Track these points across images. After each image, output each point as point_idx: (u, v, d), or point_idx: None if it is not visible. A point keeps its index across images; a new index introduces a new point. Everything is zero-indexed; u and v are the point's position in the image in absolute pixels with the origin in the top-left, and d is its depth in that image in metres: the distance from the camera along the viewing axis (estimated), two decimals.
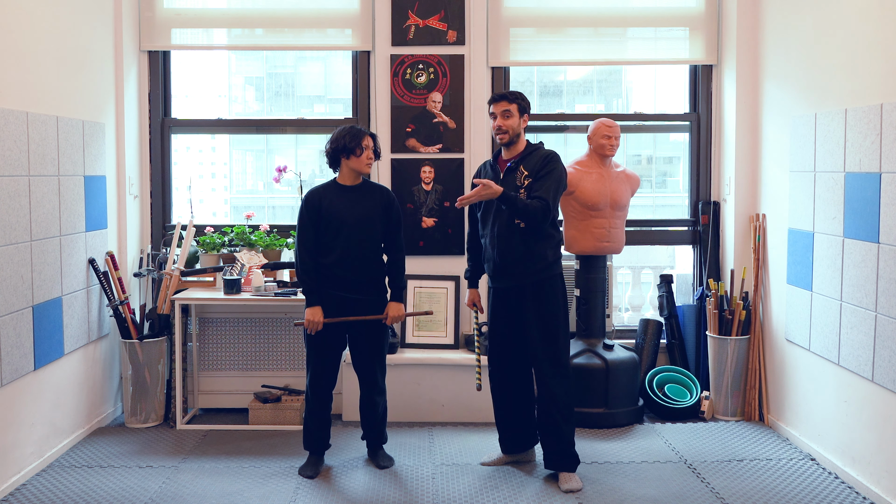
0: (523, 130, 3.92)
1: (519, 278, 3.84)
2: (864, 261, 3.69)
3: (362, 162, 3.92)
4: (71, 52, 4.34)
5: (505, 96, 3.88)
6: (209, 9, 5.25)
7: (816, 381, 4.16)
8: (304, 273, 3.90)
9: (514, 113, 3.84)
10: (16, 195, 3.79)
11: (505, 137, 3.86)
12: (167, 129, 5.19)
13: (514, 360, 3.98)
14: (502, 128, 3.85)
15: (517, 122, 3.86)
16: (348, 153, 3.90)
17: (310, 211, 3.91)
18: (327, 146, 3.96)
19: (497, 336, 3.99)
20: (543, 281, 3.83)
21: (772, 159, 4.65)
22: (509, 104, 3.85)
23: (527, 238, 3.78)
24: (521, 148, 3.90)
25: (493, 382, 4.04)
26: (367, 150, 3.92)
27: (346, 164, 3.94)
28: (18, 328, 3.81)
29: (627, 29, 5.22)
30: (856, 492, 3.74)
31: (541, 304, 3.83)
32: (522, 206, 3.69)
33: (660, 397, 4.84)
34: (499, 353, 4.00)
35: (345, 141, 3.89)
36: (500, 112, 3.85)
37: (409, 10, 4.99)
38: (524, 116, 3.90)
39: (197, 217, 5.09)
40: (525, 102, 3.91)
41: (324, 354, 3.97)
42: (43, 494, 3.73)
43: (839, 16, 3.92)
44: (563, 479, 3.82)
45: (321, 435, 4.05)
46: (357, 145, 3.89)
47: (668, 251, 6.80)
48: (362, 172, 3.96)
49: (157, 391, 4.75)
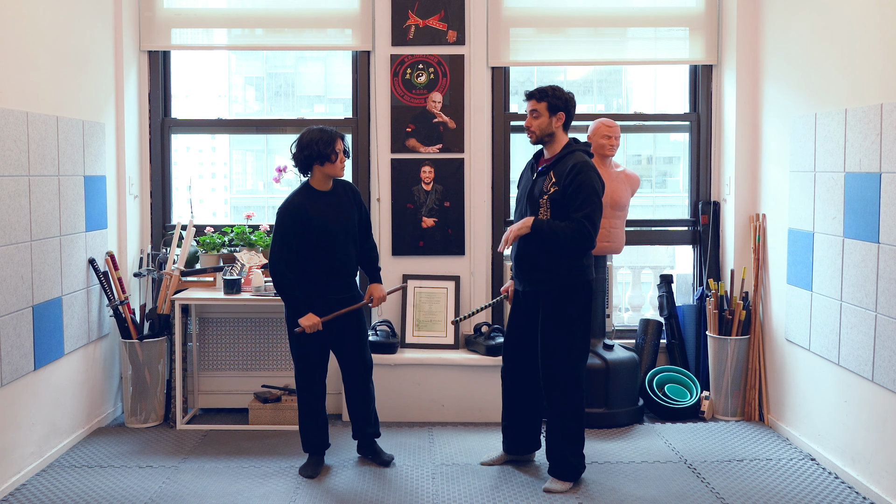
0: (560, 129, 3.73)
1: (536, 283, 3.75)
2: (864, 261, 3.69)
3: (337, 167, 3.83)
4: (71, 52, 4.34)
5: (533, 94, 3.73)
6: (209, 9, 5.25)
7: (816, 381, 4.16)
8: (287, 286, 3.81)
9: (542, 112, 3.69)
10: (16, 195, 3.79)
11: (532, 137, 3.74)
12: (167, 129, 5.19)
13: (526, 363, 3.92)
14: (530, 128, 3.73)
15: (546, 121, 3.70)
16: (323, 159, 3.79)
17: (296, 223, 3.78)
18: (297, 152, 3.82)
19: (512, 337, 3.94)
20: (561, 287, 3.71)
21: (772, 159, 4.65)
22: (537, 103, 3.71)
23: (546, 246, 3.68)
24: (559, 148, 3.74)
25: (504, 381, 4.01)
26: (340, 153, 3.82)
27: (321, 170, 3.82)
28: (18, 328, 3.81)
29: (627, 29, 5.22)
30: (856, 492, 3.74)
31: (553, 312, 3.72)
32: (561, 234, 3.58)
33: (660, 397, 4.84)
34: (513, 354, 3.95)
35: (318, 147, 3.76)
36: (529, 111, 3.73)
37: (409, 10, 4.99)
38: (557, 114, 3.69)
39: (197, 217, 5.09)
40: (557, 100, 3.69)
41: (313, 349, 3.93)
42: (43, 494, 3.73)
43: (839, 16, 3.92)
44: (551, 480, 3.80)
45: (320, 434, 4.04)
46: (332, 150, 3.78)
47: (668, 251, 6.80)
48: (338, 177, 3.90)
49: (157, 391, 4.75)
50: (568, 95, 3.76)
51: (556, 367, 3.74)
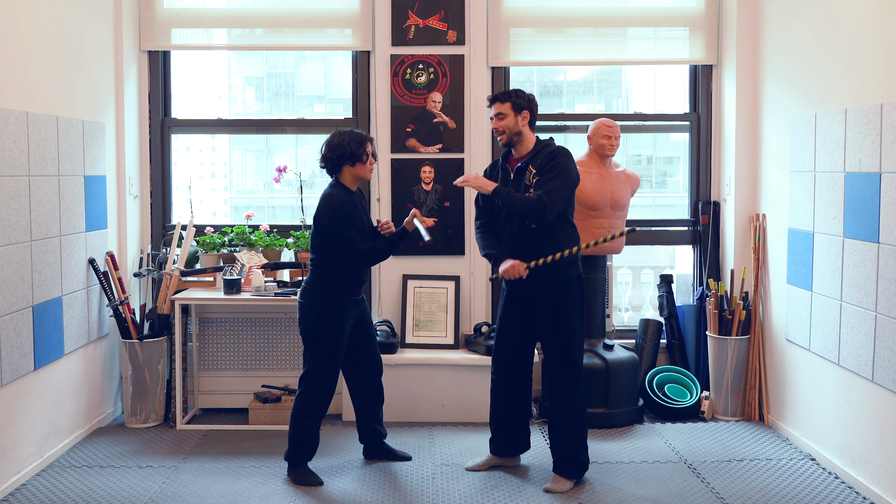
0: (527, 127, 3.81)
1: (532, 280, 3.75)
2: (864, 261, 3.69)
3: (367, 169, 3.86)
4: (71, 52, 4.34)
5: (497, 97, 3.81)
6: (209, 9, 5.25)
7: (816, 381, 4.16)
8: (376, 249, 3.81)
9: (507, 112, 3.77)
10: (16, 195, 3.79)
11: (503, 138, 3.81)
12: (167, 129, 5.19)
13: (518, 364, 3.92)
14: (498, 129, 3.80)
15: (513, 121, 3.77)
16: (354, 160, 3.81)
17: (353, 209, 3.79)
18: (327, 152, 3.84)
19: (504, 337, 3.93)
20: (559, 283, 3.75)
21: (772, 159, 4.65)
22: (501, 105, 3.78)
23: (540, 239, 3.71)
24: (530, 146, 3.81)
25: (494, 382, 4.00)
26: (370, 155, 3.87)
27: (350, 171, 3.84)
28: (18, 328, 3.81)
29: (627, 29, 5.22)
30: (856, 492, 3.74)
31: (556, 307, 3.74)
32: (517, 202, 3.65)
33: (660, 397, 4.84)
34: (504, 355, 3.94)
35: (351, 147, 3.79)
36: (494, 115, 3.81)
37: (409, 10, 4.99)
38: (522, 113, 3.78)
39: (197, 217, 5.09)
40: (520, 99, 3.78)
41: (342, 346, 3.87)
42: (43, 494, 3.73)
43: (839, 16, 3.92)
44: (553, 479, 3.80)
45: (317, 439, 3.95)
46: (363, 151, 3.82)
47: (668, 251, 6.79)
48: (366, 179, 3.92)
49: (157, 391, 4.75)
50: (530, 96, 3.85)
51: (566, 361, 3.76)
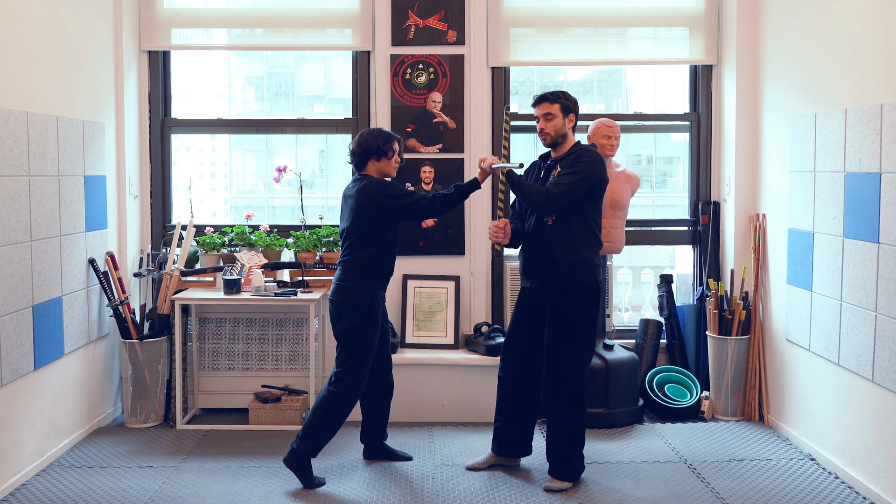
0: (571, 130, 3.80)
1: (543, 280, 3.76)
2: (864, 261, 3.69)
3: (392, 165, 3.92)
4: (71, 52, 4.34)
5: (546, 97, 3.78)
6: (209, 9, 5.25)
7: (816, 381, 4.16)
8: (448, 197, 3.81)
9: (556, 114, 3.74)
10: (16, 195, 3.79)
11: (547, 139, 3.78)
12: (167, 129, 5.20)
13: (527, 364, 3.90)
14: (544, 130, 3.77)
15: (561, 122, 3.75)
16: (380, 155, 3.87)
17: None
18: (355, 147, 3.90)
19: (515, 336, 3.92)
20: (568, 286, 3.72)
21: (772, 159, 4.65)
22: (551, 105, 3.75)
23: (555, 239, 3.70)
24: (567, 148, 3.80)
25: (500, 379, 3.98)
26: (396, 153, 3.91)
27: (376, 166, 3.88)
28: (18, 328, 3.81)
29: (627, 29, 5.22)
30: (856, 492, 3.74)
31: (561, 311, 3.72)
32: (524, 189, 3.68)
33: (660, 397, 4.84)
34: (513, 354, 3.92)
35: (378, 142, 3.86)
36: (542, 115, 3.77)
37: (409, 10, 4.99)
38: (569, 116, 3.77)
39: (197, 217, 5.09)
40: (569, 101, 3.77)
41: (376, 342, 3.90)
42: (43, 494, 3.73)
43: (839, 16, 3.92)
44: (551, 479, 3.81)
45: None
46: (390, 147, 3.88)
47: (668, 251, 6.80)
48: (390, 175, 3.95)
49: (157, 391, 4.75)
50: (574, 99, 3.85)
51: (562, 366, 3.74)
